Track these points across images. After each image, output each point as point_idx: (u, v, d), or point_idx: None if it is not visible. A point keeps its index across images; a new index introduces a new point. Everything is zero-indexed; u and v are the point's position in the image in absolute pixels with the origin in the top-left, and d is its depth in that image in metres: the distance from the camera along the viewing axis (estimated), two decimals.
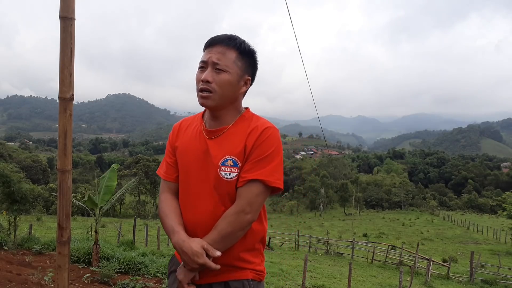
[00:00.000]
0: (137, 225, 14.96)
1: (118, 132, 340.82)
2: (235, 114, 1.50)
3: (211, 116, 1.50)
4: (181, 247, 1.35)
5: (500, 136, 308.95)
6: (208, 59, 1.43)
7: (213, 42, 1.46)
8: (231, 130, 1.47)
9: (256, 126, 1.44)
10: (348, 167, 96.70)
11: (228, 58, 1.42)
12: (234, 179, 1.41)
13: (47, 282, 4.79)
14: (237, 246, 1.43)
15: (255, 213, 1.40)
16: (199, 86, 1.44)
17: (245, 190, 1.39)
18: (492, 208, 68.93)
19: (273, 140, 1.43)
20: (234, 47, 1.44)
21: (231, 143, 1.44)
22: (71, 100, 1.44)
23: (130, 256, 6.16)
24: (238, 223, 1.37)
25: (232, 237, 1.38)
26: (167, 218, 1.47)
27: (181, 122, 1.64)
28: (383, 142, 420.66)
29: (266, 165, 1.39)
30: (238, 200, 1.40)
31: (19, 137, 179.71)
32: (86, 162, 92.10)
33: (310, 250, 21.90)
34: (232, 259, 1.43)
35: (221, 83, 1.41)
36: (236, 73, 1.44)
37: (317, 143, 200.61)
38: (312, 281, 10.54)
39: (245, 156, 1.41)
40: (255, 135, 1.42)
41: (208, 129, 1.49)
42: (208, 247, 1.34)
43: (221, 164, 1.42)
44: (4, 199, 7.05)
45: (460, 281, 16.49)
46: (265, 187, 1.40)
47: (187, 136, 1.54)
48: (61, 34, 1.42)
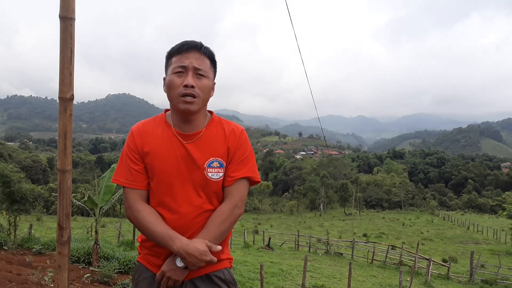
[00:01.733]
0: None
1: (118, 132, 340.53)
2: (205, 117, 1.58)
3: (183, 120, 1.51)
4: (187, 250, 1.38)
5: (500, 136, 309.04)
6: (188, 64, 1.46)
7: (189, 48, 1.48)
8: (206, 133, 1.54)
9: (233, 129, 1.58)
10: (348, 167, 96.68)
11: (206, 64, 1.50)
12: (221, 179, 1.52)
13: (47, 282, 4.79)
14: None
15: (244, 206, 1.55)
16: (181, 91, 1.44)
17: (236, 187, 1.52)
18: (492, 208, 68.95)
19: (248, 141, 1.61)
20: (207, 55, 1.51)
21: (212, 145, 1.53)
22: (71, 100, 1.44)
23: (130, 256, 6.16)
24: (234, 217, 1.51)
25: (227, 232, 1.51)
26: (155, 226, 1.44)
27: (143, 126, 1.58)
28: (383, 142, 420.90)
29: (248, 164, 1.56)
30: (231, 197, 1.52)
31: (19, 137, 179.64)
32: (86, 162, 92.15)
33: (310, 250, 21.89)
34: (216, 253, 1.48)
35: (203, 88, 1.48)
36: (211, 78, 1.53)
37: (317, 143, 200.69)
38: (312, 281, 10.54)
39: (229, 157, 1.54)
40: (235, 137, 1.56)
41: (183, 133, 1.52)
42: (210, 244, 1.43)
43: (207, 165, 1.50)
44: (4, 199, 7.04)
45: (460, 281, 16.49)
46: (249, 183, 1.57)
47: (156, 141, 1.52)
48: (61, 34, 1.41)
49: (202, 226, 1.48)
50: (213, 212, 1.50)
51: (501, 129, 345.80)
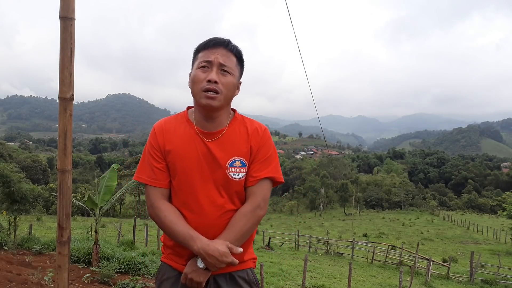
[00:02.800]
0: (137, 225, 14.97)
1: (118, 132, 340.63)
2: (228, 115, 1.54)
3: (206, 117, 1.49)
4: (207, 251, 1.36)
5: (500, 136, 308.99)
6: (214, 59, 1.44)
7: (216, 44, 1.47)
8: (228, 131, 1.51)
9: (256, 128, 1.54)
10: (348, 167, 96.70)
11: (232, 61, 1.48)
12: (243, 178, 1.48)
13: (47, 282, 4.79)
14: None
15: (266, 207, 1.52)
16: (204, 86, 1.42)
17: (258, 188, 1.49)
18: (492, 208, 68.95)
19: (271, 140, 1.57)
20: (235, 53, 1.50)
21: (234, 144, 1.49)
22: (71, 100, 1.44)
23: (130, 256, 6.17)
24: (256, 218, 1.48)
25: (249, 233, 1.49)
26: (176, 225, 1.43)
27: (164, 124, 1.56)
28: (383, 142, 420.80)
29: (271, 163, 1.52)
30: (253, 197, 1.48)
31: (19, 137, 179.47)
32: (86, 162, 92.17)
33: (310, 250, 21.89)
34: (240, 253, 1.47)
35: (227, 84, 1.45)
36: (237, 76, 1.51)
37: (317, 143, 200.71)
38: (312, 281, 10.55)
39: (251, 157, 1.50)
40: (258, 136, 1.52)
41: (205, 131, 1.49)
42: (231, 245, 1.41)
43: (229, 165, 1.47)
44: (4, 199, 7.04)
45: (460, 281, 16.50)
46: (272, 183, 1.54)
47: (179, 139, 1.50)
48: (61, 34, 1.41)
49: (224, 226, 1.46)
50: (236, 212, 1.48)
51: (501, 129, 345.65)
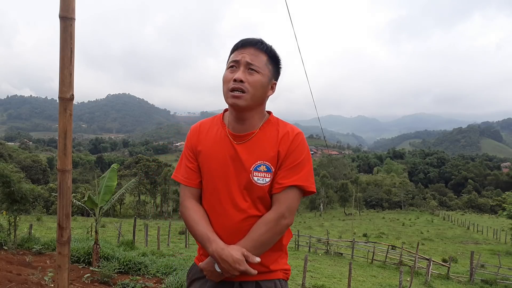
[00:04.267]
0: (137, 225, 14.96)
1: (118, 132, 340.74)
2: (261, 117, 1.49)
3: (236, 119, 1.46)
4: (221, 255, 1.34)
5: (500, 136, 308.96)
6: (241, 58, 1.42)
7: (245, 44, 1.45)
8: (259, 134, 1.46)
9: (287, 131, 1.46)
10: (348, 167, 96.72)
11: (261, 60, 1.43)
12: (267, 184, 1.42)
13: (47, 282, 4.78)
14: (270, 250, 1.45)
15: (292, 217, 1.43)
16: (230, 85, 1.41)
17: (284, 196, 1.41)
18: (492, 208, 68.96)
19: (304, 146, 1.47)
20: (265, 51, 1.45)
21: (262, 148, 1.44)
22: (71, 100, 1.44)
23: (130, 256, 6.16)
24: (278, 228, 1.40)
25: (270, 242, 1.41)
26: (198, 225, 1.43)
27: (200, 124, 1.58)
28: (383, 142, 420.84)
29: (301, 171, 1.42)
30: (277, 205, 1.41)
31: (19, 137, 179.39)
32: (86, 162, 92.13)
33: (310, 250, 21.90)
34: (266, 262, 1.44)
35: (254, 83, 1.41)
36: (267, 75, 1.45)
37: (317, 143, 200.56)
38: (312, 281, 10.54)
39: (279, 162, 1.43)
40: (287, 141, 1.44)
41: (234, 133, 1.47)
42: (248, 254, 1.35)
43: (254, 169, 1.42)
44: (4, 199, 7.03)
45: (460, 281, 16.49)
46: (300, 192, 1.44)
47: (210, 140, 1.50)
48: (61, 34, 1.41)
49: (247, 232, 1.41)
50: (259, 219, 1.43)
51: (501, 129, 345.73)
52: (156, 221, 37.87)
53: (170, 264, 6.02)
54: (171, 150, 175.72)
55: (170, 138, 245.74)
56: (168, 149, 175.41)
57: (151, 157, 78.28)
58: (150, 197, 62.29)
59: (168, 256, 8.57)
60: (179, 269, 5.74)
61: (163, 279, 5.47)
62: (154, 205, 63.21)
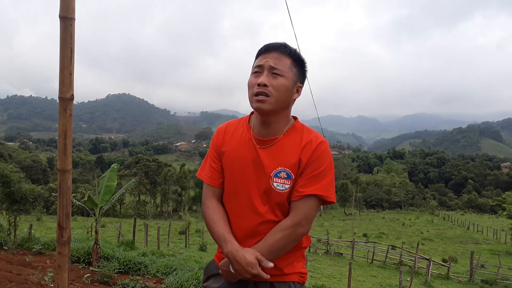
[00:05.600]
0: (137, 225, 14.96)
1: (118, 132, 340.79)
2: (286, 122, 1.50)
3: (261, 123, 1.48)
4: (235, 256, 1.36)
5: (500, 136, 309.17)
6: (264, 63, 1.43)
7: (268, 49, 1.46)
8: (283, 140, 1.47)
9: (311, 139, 1.46)
10: (348, 167, 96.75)
11: (284, 63, 1.44)
12: (287, 191, 1.43)
13: (47, 282, 4.79)
14: (286, 253, 1.46)
15: (309, 226, 1.44)
16: (255, 90, 1.42)
17: (302, 204, 1.41)
18: (492, 208, 68.96)
19: (327, 155, 1.46)
20: (289, 54, 1.45)
21: (284, 154, 1.44)
22: (71, 100, 1.44)
23: (130, 256, 6.16)
24: (294, 235, 1.41)
25: (285, 249, 1.42)
26: (216, 226, 1.46)
27: (226, 126, 1.60)
28: (383, 142, 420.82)
29: (321, 180, 1.42)
30: (295, 213, 1.42)
31: (19, 137, 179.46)
32: (86, 162, 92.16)
33: (310, 250, 21.90)
34: (280, 265, 1.46)
35: (278, 87, 1.41)
36: (291, 78, 1.45)
37: None
38: (312, 281, 10.54)
39: (300, 170, 1.43)
40: (310, 149, 1.43)
41: (259, 138, 1.48)
42: (261, 258, 1.37)
43: (274, 175, 1.43)
44: (4, 199, 7.04)
45: (460, 281, 16.50)
46: (319, 201, 1.44)
47: (234, 142, 1.52)
48: (61, 34, 1.42)
49: (263, 236, 1.43)
50: (275, 224, 1.44)
51: (501, 129, 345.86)
52: (156, 221, 37.87)
53: (170, 264, 6.02)
54: (171, 150, 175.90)
55: (170, 138, 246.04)
56: (168, 149, 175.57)
57: (151, 157, 78.33)
58: (150, 197, 62.31)
59: (168, 256, 8.57)
60: (179, 269, 5.73)
61: (163, 279, 5.47)
62: (154, 205, 63.22)
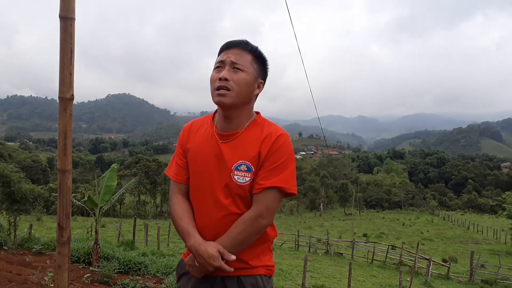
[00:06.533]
0: (137, 225, 14.95)
1: (118, 132, 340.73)
2: (248, 117, 1.53)
3: (223, 117, 1.51)
4: (197, 250, 1.40)
5: (500, 136, 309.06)
6: (226, 58, 1.47)
7: (230, 45, 1.51)
8: (244, 134, 1.50)
9: (270, 132, 1.48)
10: (348, 167, 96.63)
11: (245, 59, 1.48)
12: (247, 183, 1.45)
13: (47, 282, 4.79)
14: (251, 246, 1.49)
15: (271, 218, 1.47)
16: (216, 84, 1.46)
17: (263, 196, 1.44)
18: (492, 208, 68.91)
19: (286, 147, 1.48)
20: (250, 51, 1.50)
21: (245, 148, 1.48)
22: (71, 100, 1.44)
23: (130, 256, 6.16)
24: (256, 228, 1.44)
25: (247, 241, 1.45)
26: (181, 220, 1.50)
27: (192, 123, 1.65)
28: (383, 142, 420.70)
29: (281, 172, 1.44)
30: (256, 205, 1.44)
31: (19, 137, 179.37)
32: (86, 162, 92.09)
33: (310, 250, 21.90)
34: (246, 258, 1.48)
35: (239, 81, 1.45)
36: (252, 73, 1.49)
37: (317, 143, 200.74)
38: (312, 281, 10.55)
39: (259, 163, 1.46)
40: (269, 141, 1.46)
41: (220, 133, 1.52)
42: (223, 251, 1.40)
43: (235, 168, 1.46)
44: (4, 199, 7.03)
45: (460, 281, 16.49)
46: (281, 193, 1.46)
47: (198, 138, 1.56)
48: (61, 34, 1.41)
49: (227, 229, 1.46)
50: (239, 217, 1.47)
51: (501, 129, 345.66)
52: (156, 221, 37.86)
53: (170, 264, 6.03)
54: (171, 150, 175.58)
55: (170, 138, 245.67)
56: (168, 149, 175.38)
57: (151, 157, 78.19)
58: (150, 197, 62.26)
59: (168, 256, 8.57)
60: None
61: (163, 279, 5.47)
62: (154, 205, 63.17)
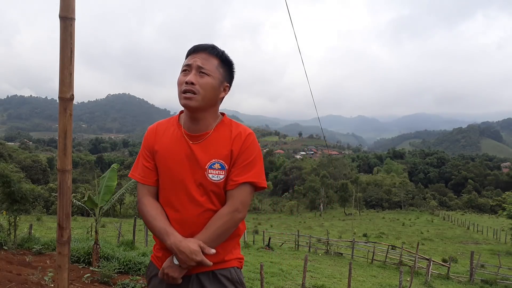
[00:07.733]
0: (137, 225, 14.95)
1: (118, 132, 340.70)
2: (215, 118, 1.60)
3: (190, 119, 1.56)
4: (178, 247, 1.44)
5: (500, 136, 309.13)
6: (193, 63, 1.52)
7: (197, 49, 1.55)
8: (213, 134, 1.57)
9: (240, 132, 1.57)
10: (348, 167, 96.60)
11: (212, 63, 1.53)
12: (222, 181, 1.53)
13: (47, 282, 4.78)
14: (225, 241, 1.56)
15: (245, 211, 1.56)
16: (183, 87, 1.50)
17: (237, 192, 1.53)
18: (492, 208, 68.84)
19: (255, 145, 1.59)
20: (217, 55, 1.55)
21: (216, 147, 1.55)
22: (71, 100, 1.44)
23: (130, 256, 6.16)
24: (233, 221, 1.52)
25: (225, 235, 1.53)
26: (155, 221, 1.53)
27: (157, 126, 1.67)
28: (383, 142, 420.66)
29: (252, 168, 1.55)
30: (231, 200, 1.53)
31: (19, 137, 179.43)
32: (86, 162, 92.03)
33: (310, 250, 21.90)
34: (221, 252, 1.56)
35: (205, 86, 1.51)
36: (218, 78, 1.55)
37: (317, 143, 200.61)
38: (312, 281, 10.54)
39: (232, 160, 1.54)
40: (240, 140, 1.55)
41: (190, 134, 1.57)
42: (203, 245, 1.46)
43: (209, 167, 1.53)
44: (4, 199, 7.04)
45: (460, 281, 16.49)
46: (253, 188, 1.56)
47: (166, 140, 1.59)
48: (61, 34, 1.41)
49: (204, 225, 1.52)
50: (214, 213, 1.54)
51: (501, 129, 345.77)
52: None
53: None
54: None
55: None
56: None
57: None
58: None
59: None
60: None
61: None
62: None
